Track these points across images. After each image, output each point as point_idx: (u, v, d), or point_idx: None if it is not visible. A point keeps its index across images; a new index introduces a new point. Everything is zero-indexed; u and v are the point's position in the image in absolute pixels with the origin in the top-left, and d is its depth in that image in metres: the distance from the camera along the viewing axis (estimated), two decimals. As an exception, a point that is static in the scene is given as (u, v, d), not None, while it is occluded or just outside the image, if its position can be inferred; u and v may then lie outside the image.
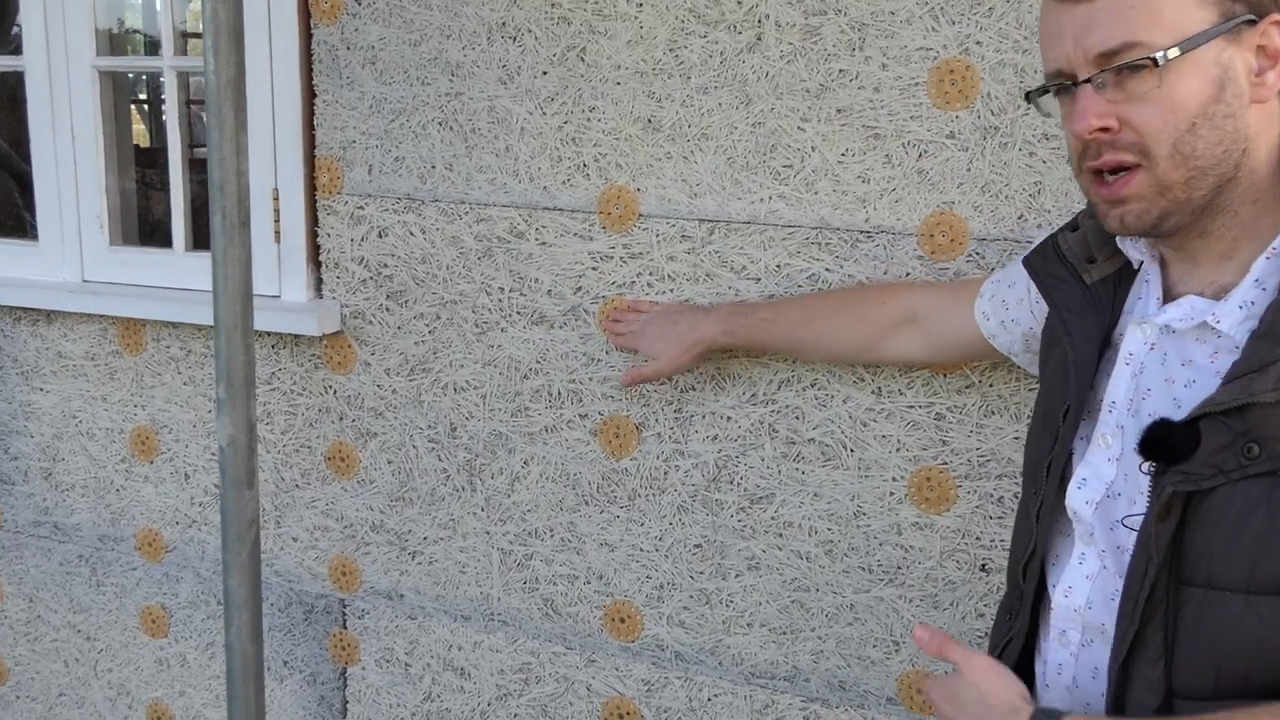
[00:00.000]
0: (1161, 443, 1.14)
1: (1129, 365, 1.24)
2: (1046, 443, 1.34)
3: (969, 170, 1.93)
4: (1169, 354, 1.20)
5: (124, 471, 2.67)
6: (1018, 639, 1.37)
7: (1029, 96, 1.26)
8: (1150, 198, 1.15)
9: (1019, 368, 1.94)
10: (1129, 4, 1.11)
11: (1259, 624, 1.08)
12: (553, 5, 2.13)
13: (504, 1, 2.16)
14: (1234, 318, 1.15)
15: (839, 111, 1.99)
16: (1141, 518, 1.16)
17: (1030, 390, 1.95)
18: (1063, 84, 1.18)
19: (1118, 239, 1.29)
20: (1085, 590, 1.26)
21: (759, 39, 2.02)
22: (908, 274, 1.99)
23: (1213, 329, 1.16)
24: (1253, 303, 1.14)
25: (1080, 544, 1.27)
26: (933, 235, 1.97)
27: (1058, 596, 1.29)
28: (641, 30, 2.09)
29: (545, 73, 2.16)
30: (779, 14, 2.00)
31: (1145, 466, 1.18)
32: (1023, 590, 1.36)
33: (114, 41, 2.83)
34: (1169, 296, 1.24)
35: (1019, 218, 1.92)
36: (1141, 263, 1.28)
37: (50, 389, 2.70)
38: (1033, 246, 1.46)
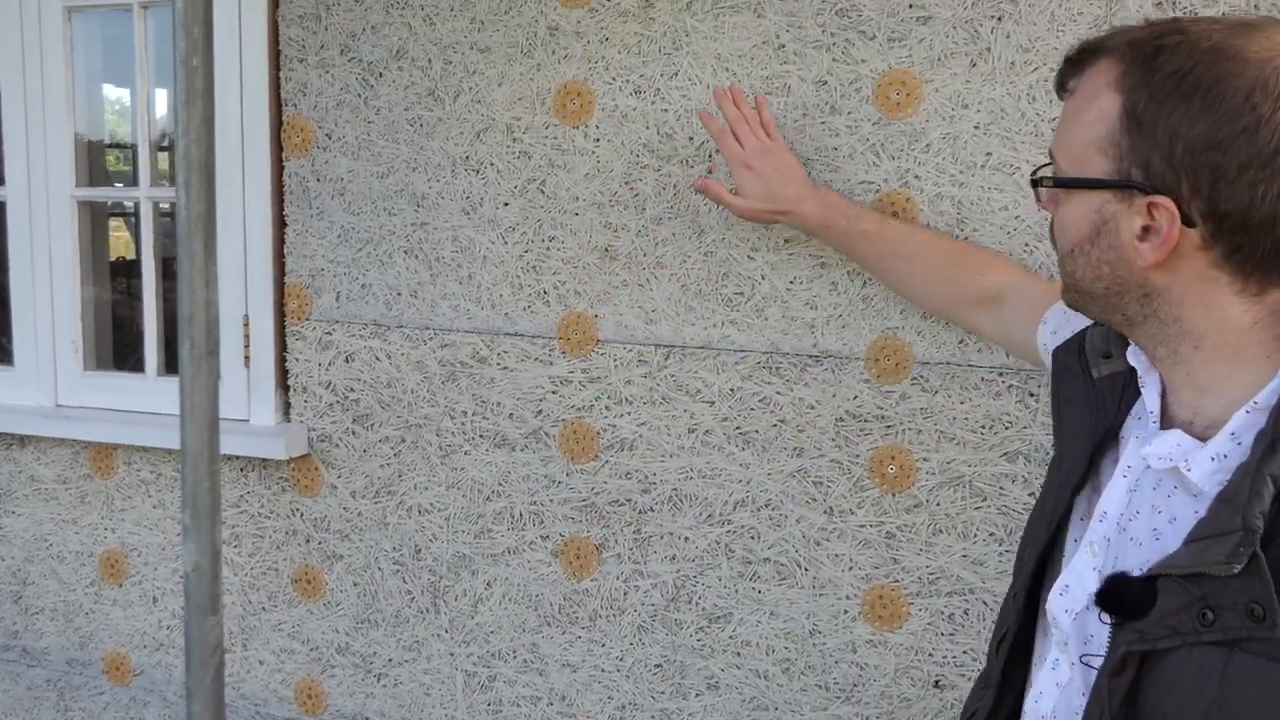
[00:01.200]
0: (1118, 597, 1.12)
1: (1126, 478, 1.20)
2: (1036, 532, 1.32)
3: (912, 297, 2.01)
4: (1162, 479, 1.17)
5: (93, 595, 2.69)
6: (982, 711, 1.36)
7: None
8: (1062, 288, 1.23)
9: (964, 487, 1.99)
10: (1065, 121, 1.17)
11: None
12: (514, 140, 2.22)
13: (467, 136, 2.25)
14: (1205, 469, 1.10)
15: (787, 241, 2.07)
16: (1101, 659, 1.14)
17: (976, 509, 2.01)
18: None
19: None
20: (1053, 698, 1.24)
21: (710, 173, 2.10)
22: (855, 396, 2.05)
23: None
24: (1225, 456, 1.09)
25: (1056, 649, 1.25)
26: (878, 360, 2.04)
27: (1029, 700, 1.28)
28: (599, 164, 2.17)
29: (507, 204, 2.24)
30: (729, 149, 2.08)
31: (1104, 617, 1.15)
32: (993, 667, 1.36)
33: (92, 154, 2.91)
34: (1165, 413, 1.20)
35: (959, 342, 1.99)
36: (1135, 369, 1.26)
37: (21, 512, 2.73)
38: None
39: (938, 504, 2.03)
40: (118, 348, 2.91)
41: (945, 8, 1.95)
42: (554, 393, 2.25)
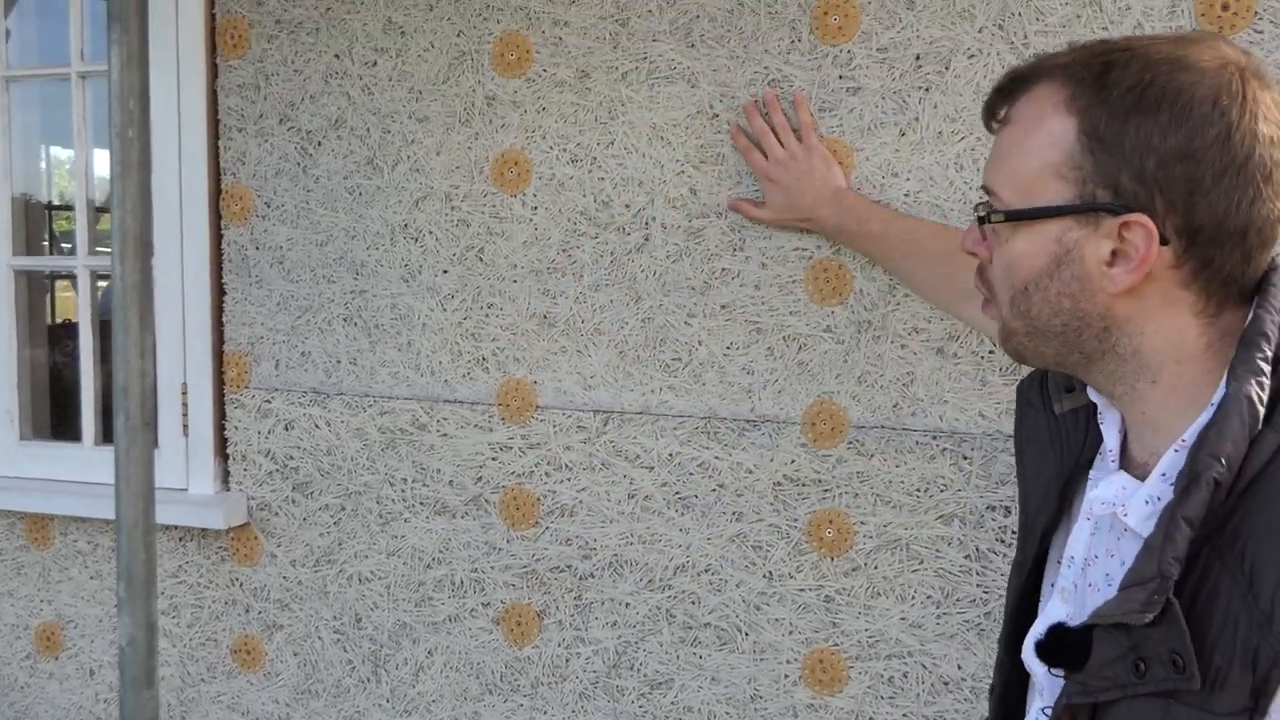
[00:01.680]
0: (1057, 649, 1.11)
1: (1089, 520, 1.17)
2: (1013, 580, 1.30)
3: (845, 362, 2.03)
4: (1114, 521, 1.14)
5: (29, 668, 2.65)
6: None
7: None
8: (1001, 334, 1.16)
9: (901, 550, 2.01)
10: (1003, 152, 1.12)
11: None
12: (452, 208, 2.24)
13: (406, 204, 2.27)
14: (1140, 513, 1.08)
15: (723, 307, 2.09)
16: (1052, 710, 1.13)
17: (913, 572, 2.02)
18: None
19: None
20: None
21: (646, 240, 2.13)
22: (792, 460, 2.07)
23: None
24: (1159, 498, 1.06)
25: (1037, 698, 1.22)
26: (814, 424, 2.05)
27: None
28: (536, 231, 2.19)
29: (446, 271, 2.25)
30: (664, 217, 2.11)
31: (1053, 670, 1.13)
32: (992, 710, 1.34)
33: (33, 217, 2.90)
34: (1126, 452, 1.17)
35: (894, 406, 2.01)
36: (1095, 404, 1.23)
37: (-44, 584, 2.69)
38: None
39: (875, 567, 2.04)
40: (64, 413, 2.89)
41: (874, 78, 1.98)
42: (494, 459, 2.25)
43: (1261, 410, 1.01)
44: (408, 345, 2.29)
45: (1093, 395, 1.19)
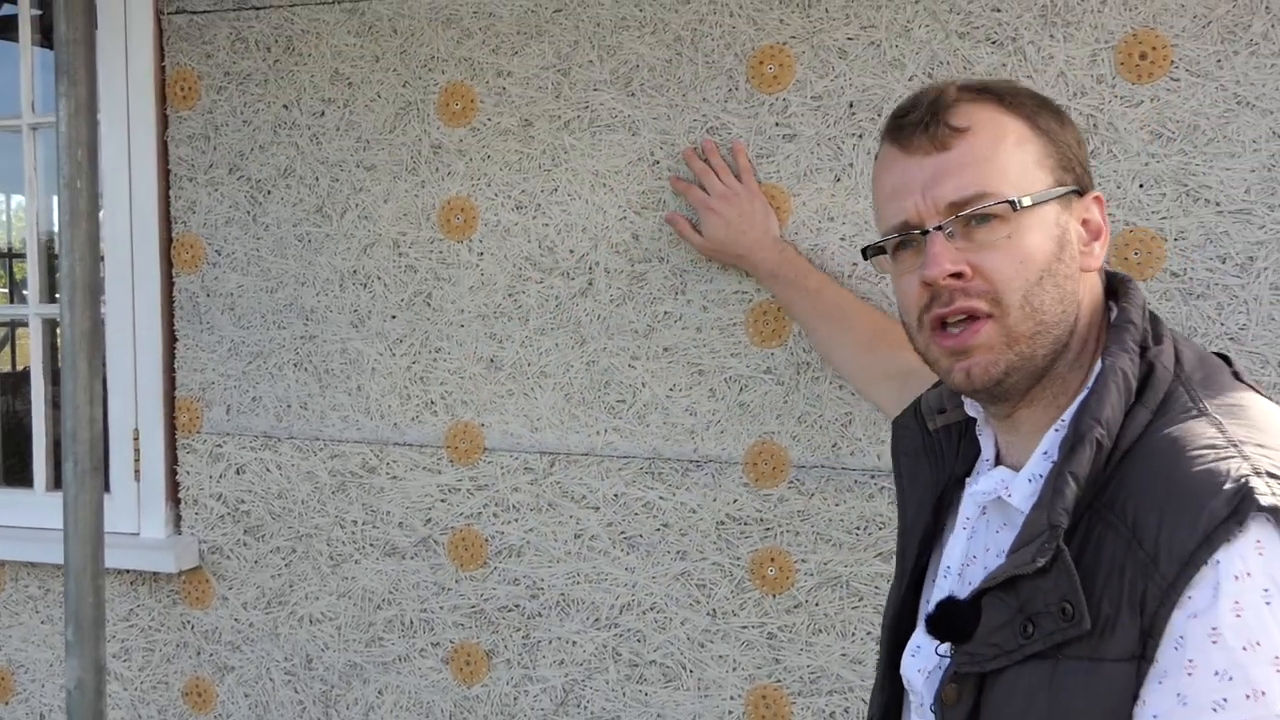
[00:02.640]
0: (948, 621, 1.16)
1: (965, 529, 1.23)
2: (892, 598, 1.35)
3: (785, 403, 2.08)
4: (992, 518, 1.21)
5: (-21, 714, 2.66)
6: None
7: (866, 253, 1.27)
8: (998, 349, 1.13)
9: (842, 587, 2.05)
10: (981, 158, 1.14)
11: None
12: (400, 254, 2.28)
13: (355, 251, 2.31)
14: (1023, 491, 1.14)
15: (666, 350, 2.14)
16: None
17: (854, 609, 2.06)
18: (908, 236, 1.18)
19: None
20: None
21: (590, 284, 2.17)
22: (735, 500, 2.11)
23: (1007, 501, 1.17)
24: (1040, 475, 1.13)
25: (915, 715, 1.26)
26: (755, 464, 2.10)
27: None
28: (483, 277, 2.23)
29: (394, 316, 2.29)
30: (608, 262, 2.16)
31: (941, 648, 1.18)
32: None
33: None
34: (1000, 459, 1.24)
35: (833, 446, 2.06)
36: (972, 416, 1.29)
37: (-93, 632, 2.69)
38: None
39: (817, 604, 2.08)
40: (21, 459, 2.90)
41: (809, 126, 2.04)
42: (443, 500, 2.28)
43: (1134, 384, 1.11)
44: (357, 389, 2.32)
45: (971, 410, 1.27)
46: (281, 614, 2.40)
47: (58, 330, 2.17)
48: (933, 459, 1.32)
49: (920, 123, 1.17)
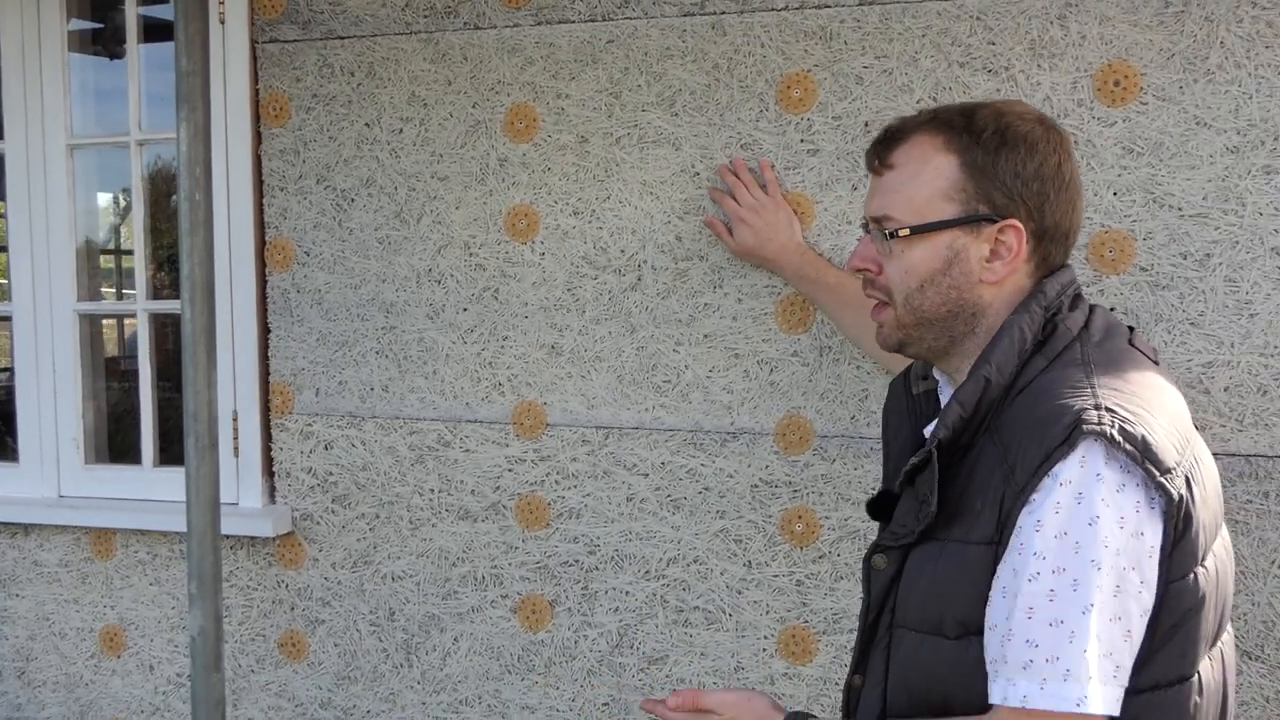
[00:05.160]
0: (879, 505, 1.53)
1: None
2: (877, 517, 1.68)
3: (811, 381, 2.40)
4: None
5: (93, 666, 2.98)
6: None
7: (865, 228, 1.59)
8: (891, 328, 1.52)
9: (860, 540, 2.37)
10: (893, 188, 1.48)
11: (929, 656, 1.41)
12: (470, 254, 2.60)
13: (430, 252, 2.63)
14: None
15: (705, 337, 2.46)
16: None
17: (871, 558, 2.39)
18: (865, 226, 1.55)
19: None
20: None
21: (639, 280, 2.49)
22: (767, 466, 2.44)
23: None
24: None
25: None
26: (785, 434, 2.42)
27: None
28: (544, 274, 2.56)
29: (465, 309, 2.61)
30: (654, 260, 2.48)
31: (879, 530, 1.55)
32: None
33: (90, 258, 3.24)
34: None
35: (852, 418, 2.39)
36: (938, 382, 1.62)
37: (25, 595, 3.01)
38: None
39: (838, 555, 2.41)
40: (111, 441, 3.22)
41: (830, 141, 2.36)
42: (510, 470, 2.61)
43: (1029, 337, 1.42)
44: (433, 373, 2.65)
45: (938, 376, 1.61)
46: (367, 573, 2.73)
47: (150, 324, 2.47)
48: (913, 417, 1.66)
49: (872, 150, 1.53)
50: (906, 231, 1.46)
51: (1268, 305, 2.15)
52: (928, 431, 1.56)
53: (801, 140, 2.38)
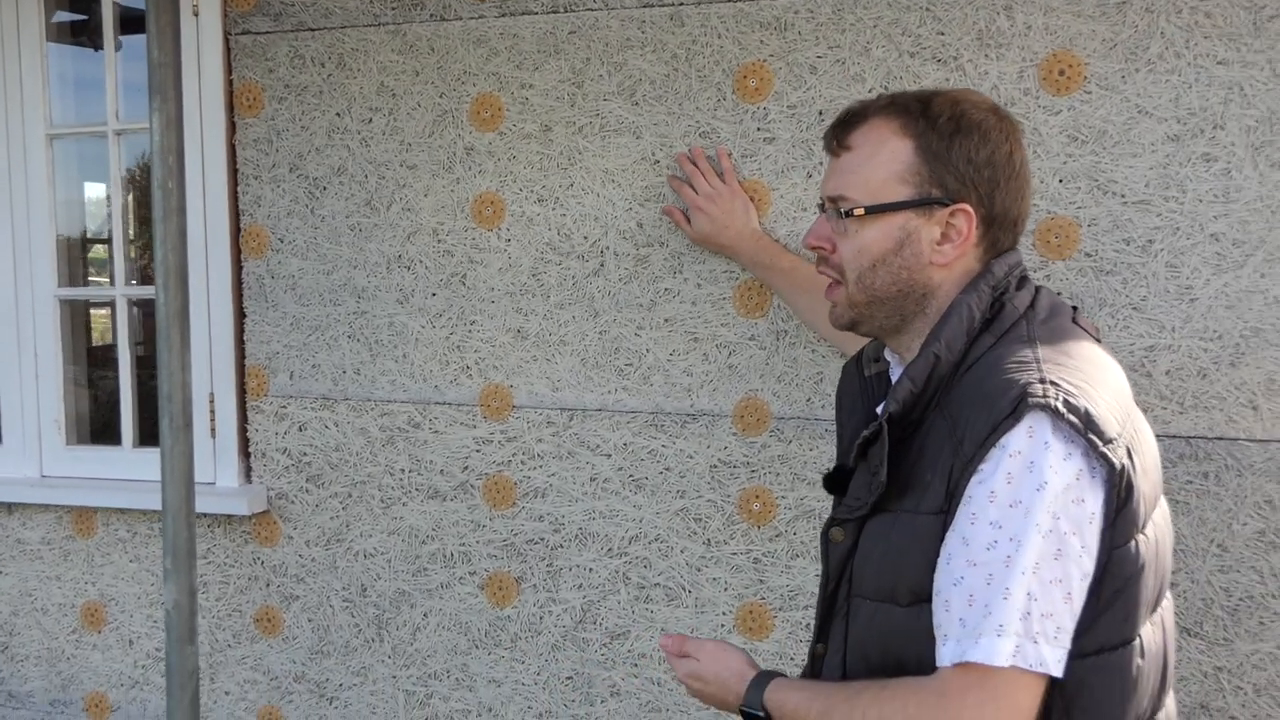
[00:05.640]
0: (835, 481, 1.57)
1: None
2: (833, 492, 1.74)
3: (768, 365, 2.47)
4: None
5: (74, 641, 3.06)
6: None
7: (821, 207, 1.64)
8: (843, 306, 1.57)
9: (815, 519, 2.44)
10: (849, 169, 1.53)
11: (883, 623, 1.46)
12: (439, 241, 2.66)
13: (399, 239, 2.69)
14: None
15: (666, 321, 2.53)
16: None
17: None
18: (821, 205, 1.60)
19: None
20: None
21: (602, 266, 2.56)
22: (725, 447, 2.50)
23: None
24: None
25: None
26: (743, 416, 2.49)
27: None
28: (510, 260, 2.62)
29: (434, 294, 2.68)
30: (616, 246, 2.54)
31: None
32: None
33: (73, 249, 3.31)
34: None
35: (807, 400, 2.45)
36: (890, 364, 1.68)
37: (9, 572, 3.09)
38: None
39: (794, 533, 2.48)
40: (92, 423, 3.29)
41: (785, 130, 2.42)
42: (478, 451, 2.67)
43: (978, 315, 1.48)
44: (403, 357, 2.71)
45: (889, 357, 1.66)
46: (339, 550, 2.80)
47: (128, 309, 2.54)
48: (865, 398, 1.71)
49: (830, 132, 1.59)
50: (861, 211, 1.51)
51: (1207, 290, 2.21)
52: (880, 409, 1.61)
53: (758, 129, 2.44)
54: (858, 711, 1.41)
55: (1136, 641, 1.44)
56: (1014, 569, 1.32)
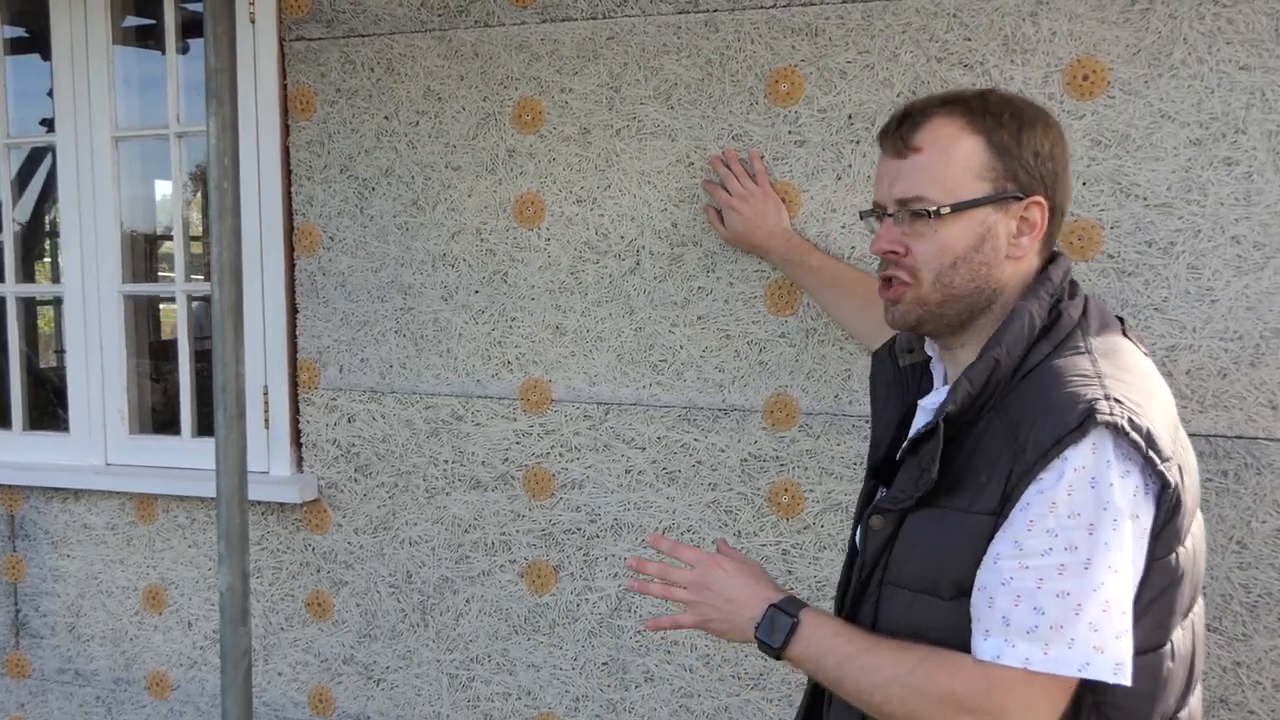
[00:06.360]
0: (884, 470, 1.62)
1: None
2: (863, 489, 1.74)
3: (797, 361, 2.54)
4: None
5: (137, 623, 3.20)
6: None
7: (863, 216, 1.67)
8: (910, 306, 1.56)
9: (842, 512, 2.51)
10: (923, 167, 1.52)
11: (920, 613, 1.50)
12: (482, 240, 2.76)
13: (444, 238, 2.79)
14: (938, 398, 1.55)
15: (699, 318, 2.60)
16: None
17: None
18: (877, 213, 1.59)
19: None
20: None
21: (638, 264, 2.64)
22: (755, 441, 2.57)
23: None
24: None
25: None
26: (772, 412, 2.56)
27: None
28: (550, 259, 2.71)
29: (477, 291, 2.78)
30: (652, 245, 2.62)
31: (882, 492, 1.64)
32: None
33: (137, 245, 3.44)
34: (946, 381, 1.63)
35: (835, 396, 2.51)
36: (930, 357, 1.69)
37: (75, 555, 3.24)
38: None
39: (822, 526, 2.54)
40: (161, 414, 3.43)
41: (816, 133, 2.48)
42: (518, 444, 2.77)
43: (1039, 323, 1.51)
44: (447, 352, 2.81)
45: (930, 351, 1.70)
46: (386, 538, 2.91)
47: (188, 305, 2.65)
48: (901, 387, 1.75)
49: (892, 134, 1.59)
50: (947, 210, 1.51)
51: (1228, 292, 2.25)
52: (922, 402, 1.66)
53: (789, 132, 2.50)
54: (904, 665, 1.46)
55: (1168, 646, 1.48)
56: (1083, 583, 1.37)
